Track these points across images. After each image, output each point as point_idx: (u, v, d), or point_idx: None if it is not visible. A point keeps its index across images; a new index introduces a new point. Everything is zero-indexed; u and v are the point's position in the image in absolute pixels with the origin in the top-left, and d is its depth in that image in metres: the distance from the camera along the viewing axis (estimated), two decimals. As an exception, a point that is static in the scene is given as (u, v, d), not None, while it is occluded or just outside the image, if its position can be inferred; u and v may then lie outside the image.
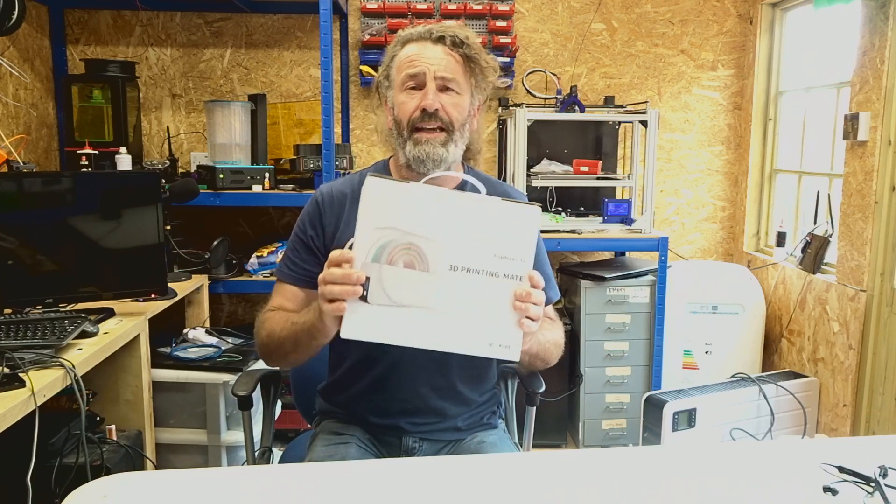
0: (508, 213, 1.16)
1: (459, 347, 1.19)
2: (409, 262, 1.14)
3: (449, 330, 1.17)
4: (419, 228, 1.14)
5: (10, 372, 1.62)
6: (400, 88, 1.48)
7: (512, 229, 1.16)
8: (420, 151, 1.45)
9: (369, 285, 1.14)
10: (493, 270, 1.16)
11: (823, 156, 3.30)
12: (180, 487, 1.19)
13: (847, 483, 1.19)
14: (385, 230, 1.14)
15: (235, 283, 3.07)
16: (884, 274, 2.77)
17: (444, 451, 1.58)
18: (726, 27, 3.72)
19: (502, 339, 1.19)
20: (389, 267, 1.14)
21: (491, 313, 1.18)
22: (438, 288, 1.15)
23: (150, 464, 2.28)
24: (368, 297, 1.15)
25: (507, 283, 1.17)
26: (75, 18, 3.44)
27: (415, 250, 1.14)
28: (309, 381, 1.81)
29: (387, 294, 1.15)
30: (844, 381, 2.95)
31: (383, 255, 1.14)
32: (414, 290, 1.15)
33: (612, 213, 3.22)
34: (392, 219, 1.13)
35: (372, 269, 1.14)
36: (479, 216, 1.15)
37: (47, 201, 2.14)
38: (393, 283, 1.15)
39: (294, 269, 1.54)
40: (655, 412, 2.90)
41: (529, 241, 1.17)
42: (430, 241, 1.14)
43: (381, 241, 1.14)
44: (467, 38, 1.47)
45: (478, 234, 1.15)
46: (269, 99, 3.45)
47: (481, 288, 1.16)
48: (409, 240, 1.14)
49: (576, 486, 1.21)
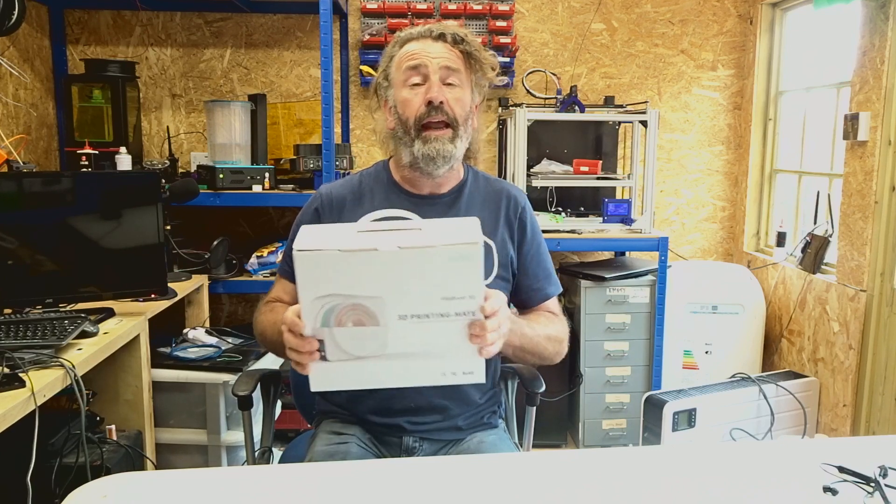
0: (447, 255, 1.13)
1: (424, 381, 1.21)
2: (358, 320, 1.14)
3: (410, 370, 1.19)
4: (360, 290, 1.13)
5: (10, 372, 1.62)
6: (402, 85, 1.48)
7: (455, 270, 1.13)
8: (430, 149, 1.46)
9: (325, 346, 1.16)
10: (443, 312, 1.15)
11: (823, 156, 3.30)
12: (180, 487, 1.19)
13: (847, 483, 1.19)
14: (326, 297, 1.13)
15: (235, 283, 3.07)
16: (884, 274, 2.77)
17: (445, 451, 1.58)
18: (726, 27, 3.72)
19: (463, 367, 1.20)
20: (340, 328, 1.15)
21: (448, 349, 1.18)
22: (392, 337, 1.16)
23: (150, 464, 2.28)
24: (327, 355, 1.16)
25: (460, 319, 1.16)
26: (75, 18, 3.44)
27: (361, 309, 1.14)
28: (309, 381, 1.80)
29: (343, 350, 1.16)
30: (844, 381, 2.95)
31: (331, 319, 1.14)
32: (369, 343, 1.16)
33: (612, 213, 3.22)
34: (330, 286, 1.13)
35: (323, 333, 1.15)
36: (416, 265, 1.13)
37: (47, 201, 2.14)
38: (346, 341, 1.16)
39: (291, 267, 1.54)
40: (655, 412, 2.90)
41: (474, 278, 1.14)
42: (374, 299, 1.13)
43: (326, 307, 1.13)
44: (466, 36, 1.49)
45: (419, 282, 1.13)
46: (269, 99, 3.45)
47: (434, 329, 1.16)
48: (352, 301, 1.13)
49: (576, 486, 1.21)
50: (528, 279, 1.57)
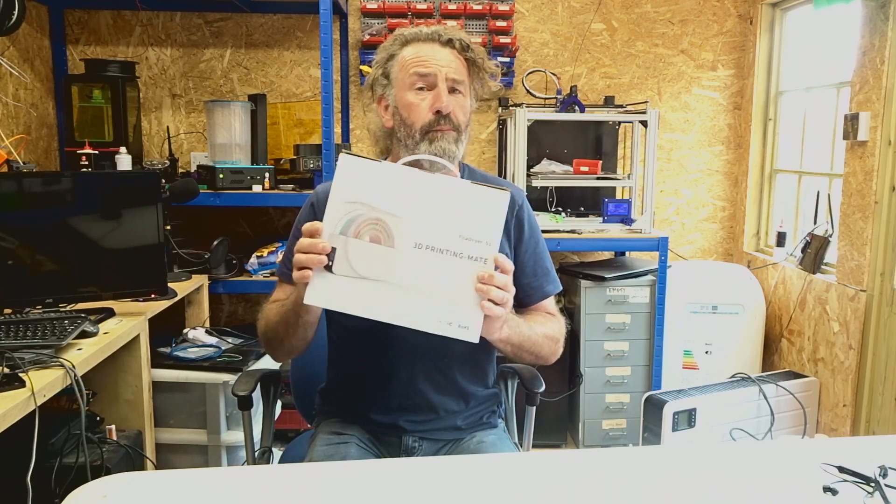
0: (476, 196, 1.19)
1: (417, 323, 1.22)
2: (375, 236, 1.18)
3: (408, 305, 1.20)
4: (387, 205, 1.17)
5: (10, 372, 1.62)
6: (407, 88, 1.48)
7: (479, 212, 1.19)
8: (437, 149, 1.46)
9: (335, 256, 1.18)
10: (457, 251, 1.19)
11: (823, 156, 3.30)
12: (180, 487, 1.19)
13: (847, 483, 1.19)
14: (354, 205, 1.17)
15: (235, 283, 3.07)
16: (884, 274, 2.77)
17: (444, 451, 1.58)
18: (726, 27, 3.72)
19: (462, 319, 1.21)
20: (355, 240, 1.18)
21: (452, 293, 1.20)
22: (402, 264, 1.18)
23: (150, 464, 2.28)
24: (333, 267, 1.18)
25: (471, 264, 1.20)
26: (75, 18, 3.44)
27: (381, 226, 1.18)
28: (309, 381, 1.81)
29: (351, 266, 1.18)
30: (844, 381, 2.95)
31: (350, 229, 1.18)
32: (378, 264, 1.18)
33: (612, 213, 3.22)
34: (361, 194, 1.17)
35: (338, 241, 1.18)
36: (446, 197, 1.19)
37: (47, 201, 2.14)
38: (358, 255, 1.18)
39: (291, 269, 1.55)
40: (655, 412, 2.90)
41: (496, 224, 1.20)
42: (396, 218, 1.18)
43: (350, 215, 1.17)
44: (472, 44, 1.51)
45: (444, 214, 1.18)
46: (269, 99, 3.45)
47: (444, 267, 1.19)
48: (376, 215, 1.17)
49: (576, 486, 1.21)
50: (526, 277, 1.57)
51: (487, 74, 1.53)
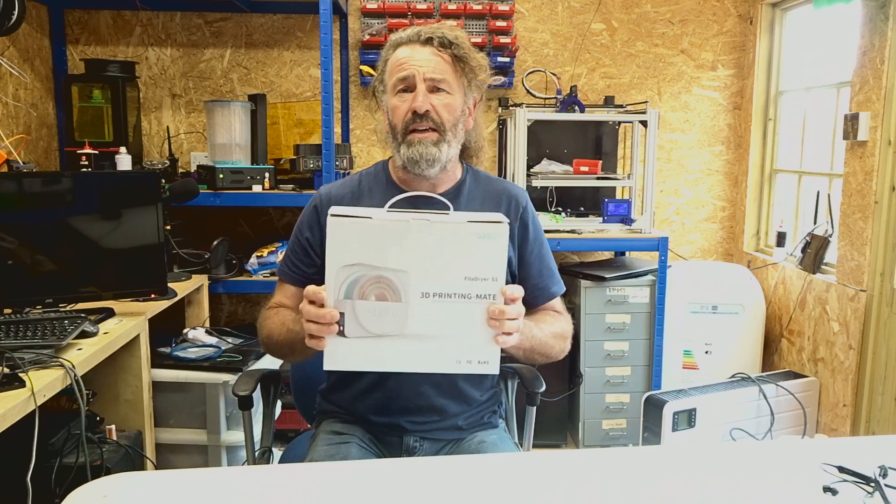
0: (474, 234, 1.17)
1: (438, 368, 1.22)
2: (381, 294, 1.17)
3: (427, 353, 1.20)
4: (386, 261, 1.16)
5: (10, 372, 1.62)
6: (392, 92, 1.49)
7: (480, 249, 1.17)
8: (413, 152, 1.47)
9: (345, 320, 1.17)
10: (464, 293, 1.18)
11: (823, 156, 3.30)
12: (180, 487, 1.19)
13: (847, 483, 1.19)
14: (353, 267, 1.15)
15: (235, 283, 3.07)
16: (884, 274, 2.77)
17: (445, 451, 1.58)
18: (726, 27, 3.72)
19: (480, 356, 1.21)
20: (362, 301, 1.16)
21: (466, 333, 1.20)
22: (412, 315, 1.17)
23: (150, 464, 2.28)
24: (345, 331, 1.17)
25: (481, 302, 1.19)
26: (75, 18, 3.44)
27: (385, 283, 1.16)
28: (309, 381, 1.81)
29: (362, 327, 1.17)
30: (844, 381, 2.95)
31: (354, 291, 1.16)
32: (388, 321, 1.17)
33: (612, 213, 3.22)
34: (358, 255, 1.15)
35: (345, 306, 1.17)
36: (445, 241, 1.16)
37: (47, 201, 2.14)
38: (367, 316, 1.17)
39: (293, 270, 1.57)
40: (655, 412, 2.90)
41: (499, 259, 1.18)
42: (398, 273, 1.16)
43: (351, 278, 1.16)
44: (456, 39, 1.48)
45: (446, 259, 1.17)
46: (269, 99, 3.45)
47: (454, 311, 1.18)
48: (377, 273, 1.16)
49: (576, 486, 1.21)
50: (532, 278, 1.57)
51: (477, 68, 1.51)
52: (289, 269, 1.57)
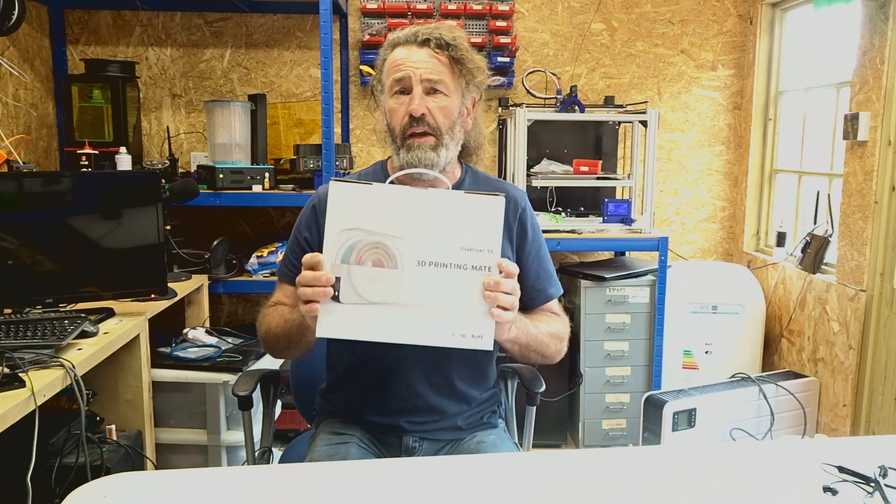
0: (471, 205, 1.19)
1: (432, 340, 1.22)
2: (378, 260, 1.18)
3: (420, 323, 1.20)
4: (384, 227, 1.17)
5: (10, 372, 1.62)
6: (389, 94, 1.49)
7: (476, 221, 1.19)
8: (412, 157, 1.46)
9: (340, 285, 1.18)
10: (460, 263, 1.20)
11: (823, 156, 3.30)
12: (180, 487, 1.19)
13: (847, 483, 1.19)
14: (351, 231, 1.17)
15: (235, 283, 3.07)
16: (884, 274, 2.77)
17: (445, 451, 1.58)
18: (726, 27, 3.72)
19: (474, 329, 1.22)
20: (358, 267, 1.18)
21: (461, 305, 1.21)
22: (408, 283, 1.19)
23: (150, 464, 2.28)
24: (340, 296, 1.18)
25: (476, 274, 1.20)
26: (75, 18, 3.44)
27: (382, 249, 1.18)
28: (309, 381, 1.81)
29: (358, 293, 1.18)
30: (844, 381, 2.95)
31: (352, 256, 1.18)
32: (384, 288, 1.18)
33: (612, 213, 3.22)
34: (357, 220, 1.17)
35: (341, 270, 1.18)
36: (442, 211, 1.19)
37: (47, 201, 2.14)
38: (363, 282, 1.18)
39: (291, 270, 1.57)
40: (655, 412, 2.90)
41: (494, 231, 1.20)
42: (396, 239, 1.18)
43: (349, 243, 1.17)
44: (454, 40, 1.47)
45: (442, 228, 1.19)
46: (269, 99, 3.45)
47: (450, 281, 1.19)
48: (375, 239, 1.17)
49: (576, 486, 1.21)
50: (529, 280, 1.57)
51: (475, 70, 1.50)
52: (287, 269, 1.57)
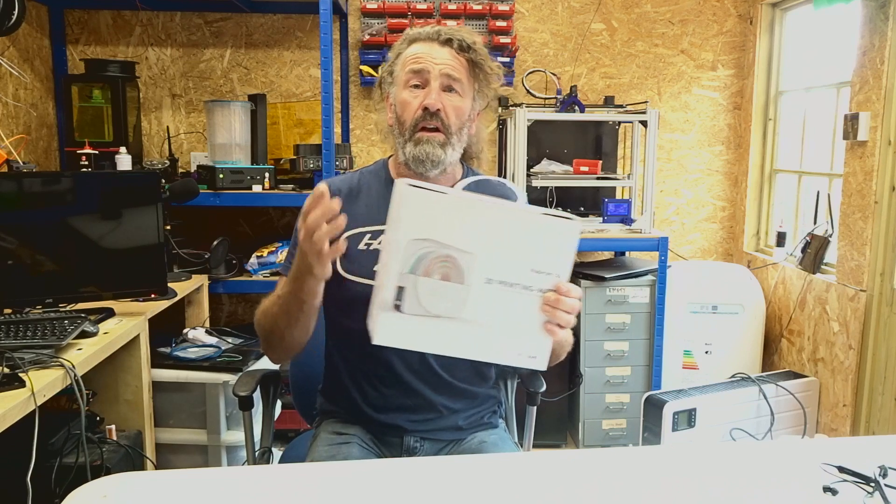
0: (549, 227, 1.14)
1: (487, 356, 1.20)
2: (446, 274, 1.13)
3: (479, 340, 1.17)
4: (457, 241, 1.11)
5: (10, 372, 1.62)
6: (404, 86, 1.48)
7: (550, 244, 1.15)
8: (420, 151, 1.46)
9: (404, 295, 1.13)
10: (527, 284, 1.15)
11: (823, 156, 3.30)
12: (180, 487, 1.19)
13: (847, 483, 1.19)
14: (422, 242, 1.11)
15: (235, 283, 3.07)
16: (884, 274, 2.77)
17: (445, 451, 1.58)
18: (726, 27, 3.72)
19: (530, 349, 1.19)
20: (426, 279, 1.12)
21: (521, 324, 1.17)
22: (472, 300, 1.14)
23: (150, 464, 2.28)
24: (402, 306, 1.13)
25: (540, 297, 1.17)
26: (75, 18, 3.44)
27: (451, 262, 1.12)
28: (309, 382, 1.81)
29: (421, 304, 1.14)
30: (844, 381, 2.95)
31: (420, 267, 1.12)
32: (448, 302, 1.14)
33: (612, 213, 3.22)
34: (429, 230, 1.10)
35: (407, 281, 1.12)
36: (517, 229, 1.13)
37: (47, 201, 2.14)
38: (427, 294, 1.13)
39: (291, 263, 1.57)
40: (655, 412, 2.90)
41: (568, 257, 1.17)
42: (467, 255, 1.12)
43: (419, 253, 1.11)
44: (475, 44, 1.48)
45: (516, 248, 1.13)
46: (269, 99, 3.45)
47: (514, 300, 1.15)
48: (446, 252, 1.11)
49: (576, 486, 1.21)
50: None
51: (491, 75, 1.51)
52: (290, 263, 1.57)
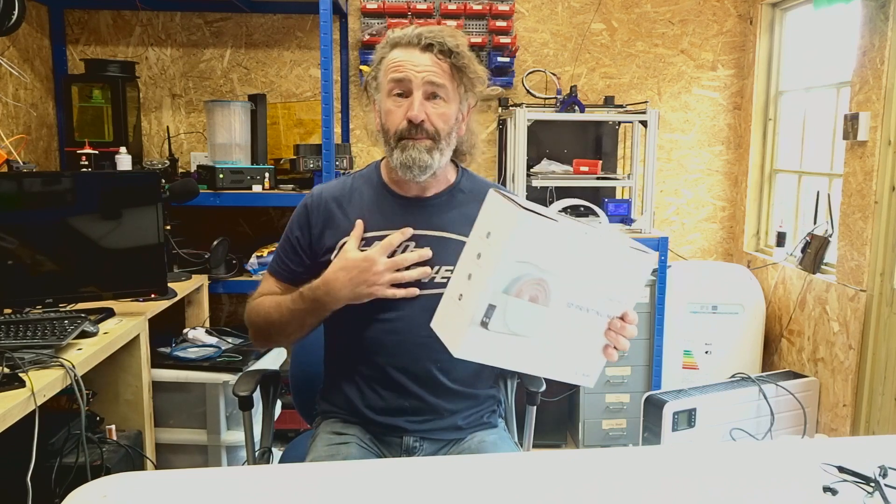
0: (628, 257, 1.18)
1: (552, 374, 1.23)
2: (535, 296, 1.15)
3: (545, 357, 1.20)
4: (552, 266, 1.14)
5: (10, 372, 1.62)
6: (387, 94, 1.48)
7: (627, 274, 1.19)
8: (406, 157, 1.46)
9: (493, 313, 1.15)
10: (599, 310, 1.20)
11: (823, 156, 3.30)
12: (180, 487, 1.19)
13: (847, 483, 1.19)
14: (524, 264, 1.13)
15: (235, 283, 3.07)
16: (884, 274, 2.77)
17: (445, 451, 1.58)
18: (726, 27, 3.72)
19: (586, 368, 1.24)
20: (516, 300, 1.15)
21: (585, 346, 1.22)
22: (551, 321, 1.17)
23: (150, 464, 2.28)
24: (490, 324, 1.15)
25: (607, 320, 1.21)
26: (75, 18, 3.44)
27: (542, 285, 1.15)
28: (308, 382, 1.81)
29: (506, 323, 1.16)
30: (844, 381, 2.95)
31: (514, 288, 1.14)
32: (530, 322, 1.17)
33: (612, 213, 3.22)
34: (532, 254, 1.13)
35: (499, 299, 1.14)
36: (605, 258, 1.17)
37: (47, 201, 2.14)
38: (514, 314, 1.16)
39: (280, 266, 1.61)
40: (655, 412, 2.90)
41: (638, 288, 1.22)
42: (558, 279, 1.15)
43: (517, 274, 1.14)
44: (457, 47, 1.46)
45: (598, 275, 1.18)
46: (269, 99, 3.45)
47: (584, 324, 1.20)
48: (541, 276, 1.14)
49: (576, 486, 1.21)
50: None
51: (476, 80, 1.50)
52: (277, 264, 1.61)
